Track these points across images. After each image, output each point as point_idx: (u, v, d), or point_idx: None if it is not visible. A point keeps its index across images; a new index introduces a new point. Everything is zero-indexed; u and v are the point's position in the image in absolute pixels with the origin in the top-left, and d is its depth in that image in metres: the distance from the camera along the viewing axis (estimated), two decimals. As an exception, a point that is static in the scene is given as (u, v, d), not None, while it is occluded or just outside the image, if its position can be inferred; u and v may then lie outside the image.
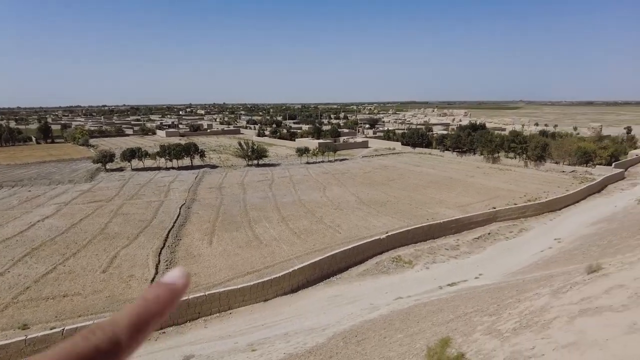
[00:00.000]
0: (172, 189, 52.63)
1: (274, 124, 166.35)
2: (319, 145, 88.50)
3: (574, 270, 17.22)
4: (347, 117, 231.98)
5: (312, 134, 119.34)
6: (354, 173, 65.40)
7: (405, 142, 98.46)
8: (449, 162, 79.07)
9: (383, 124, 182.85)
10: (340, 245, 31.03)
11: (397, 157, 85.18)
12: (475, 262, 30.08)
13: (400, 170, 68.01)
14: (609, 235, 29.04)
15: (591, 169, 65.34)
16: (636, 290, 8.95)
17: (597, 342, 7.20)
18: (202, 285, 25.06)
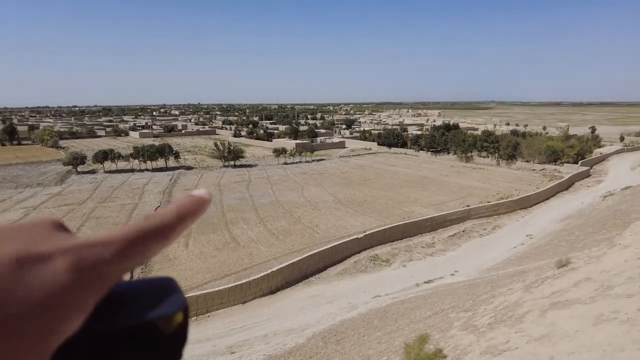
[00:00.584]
0: (146, 191, 51.52)
1: (250, 125, 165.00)
2: (297, 145, 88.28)
3: (545, 265, 17.79)
4: (324, 118, 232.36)
5: (290, 134, 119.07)
6: (331, 173, 65.60)
7: (381, 142, 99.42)
8: (424, 161, 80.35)
9: (359, 125, 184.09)
10: (319, 245, 31.08)
11: (373, 157, 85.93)
12: (450, 259, 30.67)
13: (377, 170, 68.64)
14: (577, 231, 30.13)
15: (559, 167, 67.60)
16: (602, 283, 9.32)
17: (567, 333, 7.47)
18: (179, 288, 24.64)
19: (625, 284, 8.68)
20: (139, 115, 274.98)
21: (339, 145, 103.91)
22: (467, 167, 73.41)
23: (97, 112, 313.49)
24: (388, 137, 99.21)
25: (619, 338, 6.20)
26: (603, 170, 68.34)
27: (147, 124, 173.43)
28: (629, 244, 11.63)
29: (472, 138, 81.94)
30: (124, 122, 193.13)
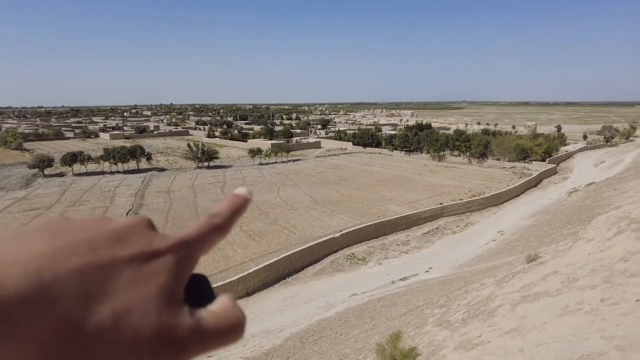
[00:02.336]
0: (117, 194, 50.18)
1: (224, 125, 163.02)
2: (272, 146, 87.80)
3: (515, 261, 18.34)
4: (299, 118, 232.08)
5: (265, 134, 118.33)
6: (307, 173, 65.59)
7: (356, 142, 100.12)
8: (398, 161, 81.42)
9: (334, 125, 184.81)
10: (296, 245, 31.02)
11: (348, 157, 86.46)
12: (425, 256, 31.19)
13: (352, 170, 69.10)
14: (545, 226, 31.19)
15: (528, 165, 69.78)
16: (568, 276, 9.68)
17: (536, 325, 7.72)
18: (152, 293, 24.13)
19: (589, 276, 9.05)
20: (109, 116, 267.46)
21: (315, 145, 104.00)
22: (439, 165, 74.82)
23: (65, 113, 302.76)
24: (363, 137, 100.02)
25: (584, 328, 6.46)
26: (569, 167, 70.99)
27: (117, 125, 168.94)
28: (591, 237, 12.13)
29: (444, 137, 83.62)
30: (93, 123, 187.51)
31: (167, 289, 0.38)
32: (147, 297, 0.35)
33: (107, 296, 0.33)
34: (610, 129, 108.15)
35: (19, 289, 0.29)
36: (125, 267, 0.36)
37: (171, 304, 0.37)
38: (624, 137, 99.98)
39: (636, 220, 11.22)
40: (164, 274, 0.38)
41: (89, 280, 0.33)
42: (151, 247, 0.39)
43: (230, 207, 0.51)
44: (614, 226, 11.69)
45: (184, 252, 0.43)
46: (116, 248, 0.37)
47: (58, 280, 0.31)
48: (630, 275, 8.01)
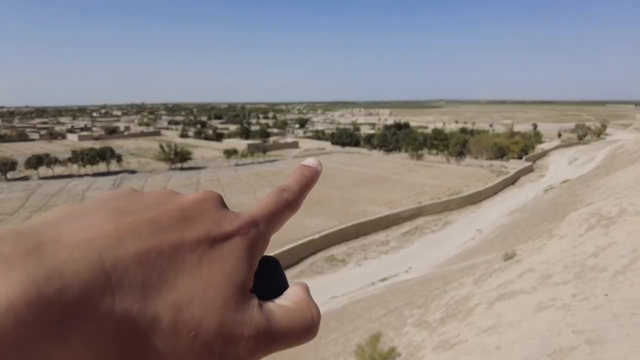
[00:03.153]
0: (87, 197, 48.93)
1: (198, 125, 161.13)
2: (248, 146, 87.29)
3: (493, 259, 18.83)
4: (276, 117, 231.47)
5: (241, 134, 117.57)
6: (285, 174, 65.13)
7: (334, 141, 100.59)
8: (377, 160, 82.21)
9: (313, 124, 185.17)
10: (274, 248, 30.92)
11: (327, 157, 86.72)
12: (404, 256, 31.62)
13: (331, 170, 69.38)
14: (522, 224, 32.09)
15: (506, 163, 71.65)
16: (542, 272, 10.04)
17: (512, 323, 7.99)
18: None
19: (562, 272, 9.41)
20: (77, 116, 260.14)
21: (293, 145, 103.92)
22: (418, 164, 75.93)
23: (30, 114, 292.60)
24: (341, 136, 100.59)
25: (556, 323, 6.74)
26: (544, 165, 73.21)
27: (86, 125, 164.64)
28: (565, 234, 12.61)
29: (422, 136, 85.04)
30: (60, 124, 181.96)
31: (235, 277, 0.32)
32: (212, 287, 0.30)
33: (167, 286, 0.29)
34: (583, 127, 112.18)
35: (80, 276, 0.25)
36: (190, 252, 0.31)
37: (239, 295, 0.32)
38: (596, 135, 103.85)
39: (606, 216, 11.73)
40: (232, 259, 0.33)
41: (150, 267, 0.29)
42: (219, 229, 0.34)
43: (300, 179, 0.46)
44: (585, 223, 12.18)
45: (254, 234, 0.37)
46: (182, 229, 0.33)
47: (120, 266, 0.27)
48: (599, 270, 8.38)
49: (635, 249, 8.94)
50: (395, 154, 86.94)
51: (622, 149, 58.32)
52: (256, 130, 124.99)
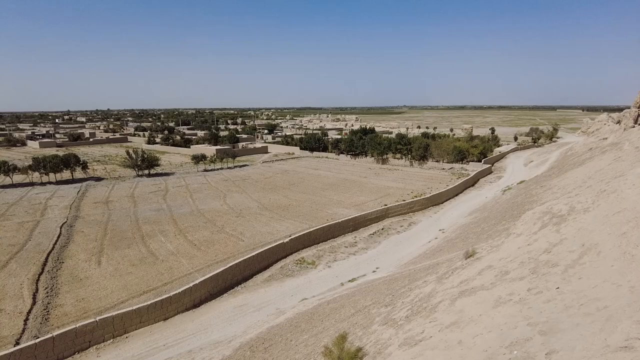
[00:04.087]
0: (49, 206, 46.71)
1: (165, 131, 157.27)
2: (217, 151, 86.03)
3: (455, 257, 19.29)
4: (245, 123, 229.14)
5: (209, 140, 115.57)
6: (254, 179, 64.88)
7: (303, 146, 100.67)
8: (344, 164, 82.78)
9: (281, 130, 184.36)
10: (244, 253, 30.55)
11: (296, 162, 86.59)
12: (372, 257, 31.93)
13: (300, 174, 69.29)
14: (482, 223, 33.08)
15: (466, 166, 73.73)
16: (500, 269, 10.37)
17: (473, 318, 8.20)
18: (92, 310, 22.68)
19: (518, 268, 9.76)
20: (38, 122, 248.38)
21: (262, 150, 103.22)
22: (383, 168, 77.04)
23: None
24: (310, 141, 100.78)
25: (513, 317, 6.97)
26: (502, 167, 75.83)
27: (48, 132, 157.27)
28: (520, 232, 13.09)
29: (387, 141, 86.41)
30: (19, 130, 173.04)
31: None
32: None
33: None
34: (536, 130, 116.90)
35: None
36: None
37: None
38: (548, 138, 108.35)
39: (557, 214, 12.26)
40: None
41: None
42: None
43: None
44: (539, 221, 12.69)
45: None
46: None
47: None
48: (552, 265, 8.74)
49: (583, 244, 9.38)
50: (362, 158, 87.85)
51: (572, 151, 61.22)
52: (225, 136, 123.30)
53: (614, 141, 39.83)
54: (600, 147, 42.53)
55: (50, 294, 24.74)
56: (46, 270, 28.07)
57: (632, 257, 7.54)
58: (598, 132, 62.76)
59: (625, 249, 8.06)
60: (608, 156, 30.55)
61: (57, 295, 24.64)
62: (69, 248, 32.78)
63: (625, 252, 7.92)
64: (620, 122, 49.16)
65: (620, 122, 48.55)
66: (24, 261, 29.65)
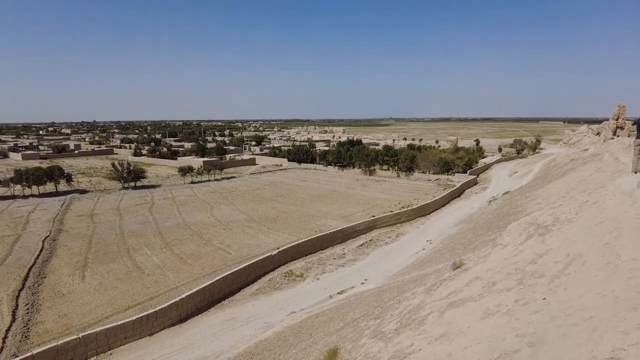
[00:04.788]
0: (32, 219, 45.68)
1: (152, 143, 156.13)
2: (204, 163, 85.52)
3: (443, 268, 19.35)
4: (232, 135, 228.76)
5: (196, 152, 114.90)
6: (242, 191, 64.52)
7: (291, 158, 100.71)
8: (332, 176, 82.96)
9: (269, 141, 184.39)
10: (231, 266, 30.21)
11: (284, 173, 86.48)
12: (360, 268, 31.84)
13: (288, 186, 69.15)
14: (469, 234, 33.32)
15: (452, 177, 74.51)
16: (488, 280, 10.42)
17: (462, 330, 8.20)
18: (74, 326, 22.09)
19: (506, 279, 9.82)
20: (21, 134, 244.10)
21: (250, 162, 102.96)
22: (371, 179, 77.39)
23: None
24: (298, 153, 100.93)
25: (501, 328, 6.99)
26: (487, 177, 76.82)
27: (31, 144, 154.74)
28: (507, 243, 13.21)
29: (374, 153, 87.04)
30: (1, 142, 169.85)
31: None
32: None
33: None
34: (520, 142, 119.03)
35: None
36: None
37: None
38: (532, 149, 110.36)
39: (542, 225, 12.42)
40: None
41: None
42: None
43: None
44: (524, 232, 12.83)
45: None
46: None
47: None
48: (538, 276, 8.82)
49: (568, 254, 9.50)
50: (350, 169, 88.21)
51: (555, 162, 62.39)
52: (212, 148, 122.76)
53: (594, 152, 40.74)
54: (581, 158, 43.45)
55: (30, 311, 24.05)
56: (27, 286, 27.32)
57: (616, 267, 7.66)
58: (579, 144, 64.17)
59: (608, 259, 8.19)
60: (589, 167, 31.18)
61: (38, 311, 23.97)
62: (51, 262, 32.02)
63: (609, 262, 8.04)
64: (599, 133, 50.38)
65: (600, 134, 49.75)
66: (3, 277, 28.83)
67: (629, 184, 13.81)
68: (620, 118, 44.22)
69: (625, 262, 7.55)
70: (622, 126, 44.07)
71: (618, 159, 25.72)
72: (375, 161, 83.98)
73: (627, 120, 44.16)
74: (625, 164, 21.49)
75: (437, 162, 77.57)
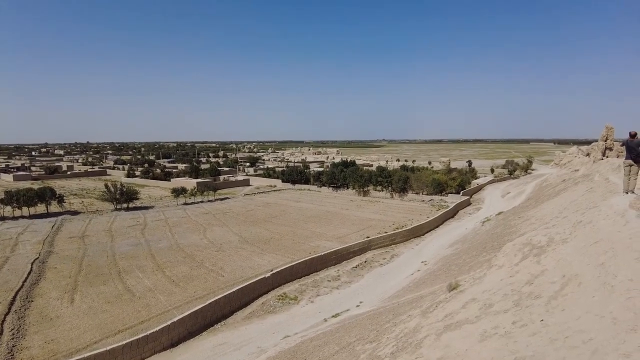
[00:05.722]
0: (21, 241, 44.88)
1: (146, 164, 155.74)
2: (198, 184, 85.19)
3: (438, 290, 19.16)
4: (226, 156, 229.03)
5: (190, 173, 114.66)
6: (236, 212, 64.14)
7: (285, 179, 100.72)
8: (326, 196, 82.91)
9: (263, 162, 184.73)
10: (224, 289, 29.72)
11: (278, 194, 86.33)
12: (355, 291, 31.46)
13: (282, 207, 68.91)
14: (464, 255, 33.19)
15: (445, 198, 74.69)
16: (484, 302, 10.30)
17: (459, 353, 8.04)
18: (61, 352, 21.43)
19: (502, 300, 9.71)
20: (13, 155, 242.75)
21: (244, 183, 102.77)
22: (365, 200, 77.42)
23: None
24: (292, 174, 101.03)
25: (499, 351, 6.86)
26: (480, 198, 77.14)
27: (23, 165, 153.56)
28: (502, 264, 13.14)
29: (368, 174, 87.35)
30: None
31: None
32: None
33: None
34: (512, 163, 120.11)
35: None
36: None
37: None
38: (524, 170, 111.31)
39: (537, 245, 12.40)
40: None
41: None
42: None
43: None
44: (519, 252, 12.79)
45: None
46: None
47: None
48: (535, 297, 8.74)
49: (564, 275, 9.45)
50: (344, 190, 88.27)
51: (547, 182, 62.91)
52: (206, 169, 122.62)
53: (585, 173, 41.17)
54: (572, 178, 43.86)
55: (16, 336, 23.34)
56: (13, 310, 26.61)
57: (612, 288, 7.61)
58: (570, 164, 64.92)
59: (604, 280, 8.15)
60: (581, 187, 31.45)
61: (24, 336, 23.27)
62: (39, 285, 31.30)
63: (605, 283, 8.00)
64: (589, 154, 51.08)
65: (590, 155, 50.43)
66: (-9, 301, 28.07)
67: (620, 204, 13.90)
68: (609, 139, 44.96)
69: (621, 282, 7.51)
70: (610, 147, 44.76)
71: (608, 179, 25.98)
72: (369, 182, 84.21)
73: (615, 142, 44.90)
74: (616, 184, 21.69)
75: (430, 183, 77.89)
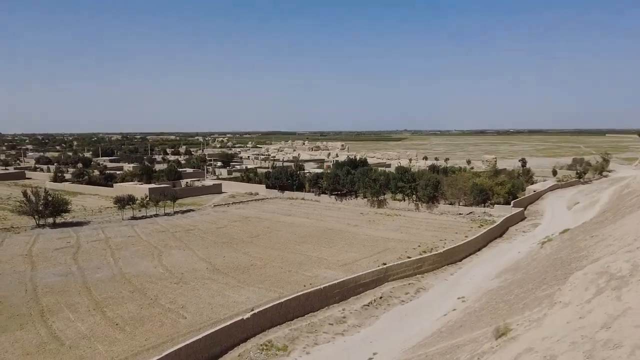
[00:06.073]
0: None
1: (79, 163, 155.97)
2: (150, 191, 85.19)
3: (481, 336, 19.17)
4: (190, 152, 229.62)
5: (140, 176, 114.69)
6: (203, 229, 64.16)
7: (270, 184, 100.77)
8: (327, 208, 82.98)
9: (241, 161, 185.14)
10: (186, 335, 29.69)
11: (261, 205, 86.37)
12: (367, 338, 31.44)
13: (267, 222, 68.96)
14: (516, 288, 33.25)
15: (490, 210, 74.84)
16: (545, 353, 10.30)
17: None
18: None
19: (569, 351, 9.72)
20: None
21: (214, 189, 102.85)
22: (380, 213, 77.49)
23: None
24: (280, 177, 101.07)
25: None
26: (538, 210, 77.31)
27: None
28: (569, 300, 13.16)
29: (384, 177, 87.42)
30: None
31: None
32: None
33: None
34: (581, 162, 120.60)
35: None
36: None
37: None
38: (597, 171, 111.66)
39: (616, 275, 12.42)
40: None
41: None
42: None
43: None
44: (592, 285, 12.81)
45: None
46: None
47: None
48: (614, 346, 8.73)
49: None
50: (351, 199, 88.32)
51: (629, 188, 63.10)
52: (162, 170, 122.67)
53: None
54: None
55: None
56: None
57: None
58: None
59: None
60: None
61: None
62: None
63: None
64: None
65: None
66: None
67: None
68: None
69: None
70: None
71: None
72: (386, 188, 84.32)
73: None
74: None
75: (469, 190, 78.08)
